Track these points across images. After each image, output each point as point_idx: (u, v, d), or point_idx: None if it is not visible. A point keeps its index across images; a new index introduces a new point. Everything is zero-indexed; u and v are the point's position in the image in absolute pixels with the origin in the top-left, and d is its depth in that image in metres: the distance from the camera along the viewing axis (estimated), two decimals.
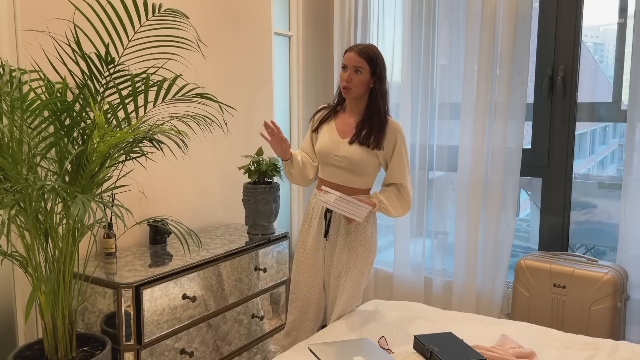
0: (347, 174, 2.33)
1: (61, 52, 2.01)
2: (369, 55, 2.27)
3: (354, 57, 2.27)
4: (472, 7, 3.04)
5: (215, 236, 2.79)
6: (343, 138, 2.33)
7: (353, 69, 2.27)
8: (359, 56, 2.26)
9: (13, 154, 1.78)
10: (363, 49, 2.29)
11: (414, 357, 1.92)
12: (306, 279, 2.45)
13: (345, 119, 2.38)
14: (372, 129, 2.29)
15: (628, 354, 1.98)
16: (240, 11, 3.10)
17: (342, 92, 2.33)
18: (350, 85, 2.27)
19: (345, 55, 2.32)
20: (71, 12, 2.11)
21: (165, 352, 2.24)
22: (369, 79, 2.29)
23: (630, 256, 2.81)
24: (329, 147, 2.34)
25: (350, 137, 2.31)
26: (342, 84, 2.31)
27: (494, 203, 3.06)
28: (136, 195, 2.56)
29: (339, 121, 2.39)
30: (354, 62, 2.27)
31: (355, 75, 2.27)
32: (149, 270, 2.23)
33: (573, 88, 2.98)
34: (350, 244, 2.35)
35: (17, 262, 1.89)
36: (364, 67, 2.26)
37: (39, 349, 1.99)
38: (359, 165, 2.31)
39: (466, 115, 3.11)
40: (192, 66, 2.65)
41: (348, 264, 2.35)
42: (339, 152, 2.31)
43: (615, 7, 3.07)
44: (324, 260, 2.44)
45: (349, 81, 2.27)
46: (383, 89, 2.32)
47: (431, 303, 3.28)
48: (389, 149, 2.33)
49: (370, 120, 2.31)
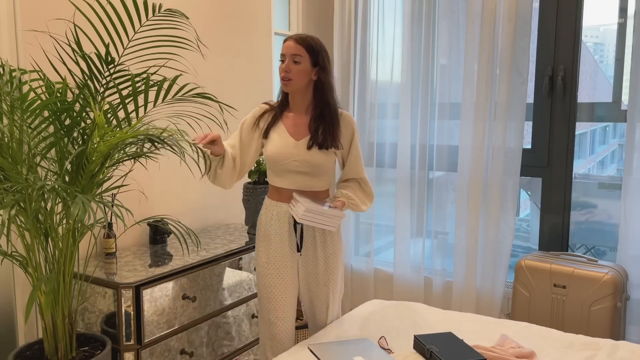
0: (307, 177, 2.15)
1: (61, 52, 2.01)
2: (308, 44, 2.10)
3: (291, 45, 2.09)
4: (472, 7, 3.04)
5: (215, 236, 2.79)
6: (297, 140, 2.14)
7: (291, 59, 2.08)
8: (297, 44, 2.08)
9: (13, 154, 1.78)
10: (302, 36, 2.11)
11: (414, 357, 1.92)
12: (285, 305, 2.19)
13: (294, 118, 2.18)
14: (326, 127, 2.12)
15: (628, 354, 1.98)
16: (240, 11, 3.10)
17: (282, 85, 2.13)
18: (289, 75, 2.08)
19: (283, 45, 2.12)
20: (71, 12, 2.11)
21: (165, 352, 2.24)
22: (310, 69, 2.10)
23: (630, 256, 2.81)
24: (285, 152, 2.12)
25: (307, 140, 2.13)
26: (280, 75, 2.11)
27: (494, 203, 3.06)
28: (136, 195, 2.56)
29: (287, 122, 2.18)
30: (291, 51, 2.08)
31: (294, 66, 2.07)
32: (149, 270, 2.23)
33: (573, 88, 2.98)
34: (327, 251, 2.21)
35: (17, 262, 1.89)
36: (303, 55, 2.08)
37: (39, 349, 1.99)
38: (320, 167, 2.14)
39: (466, 115, 3.11)
40: (192, 66, 2.65)
41: (331, 271, 2.23)
42: (298, 156, 2.12)
43: (615, 7, 3.07)
44: (299, 277, 2.23)
45: (287, 71, 2.08)
46: (328, 80, 2.14)
47: (431, 303, 3.28)
48: (346, 145, 2.21)
49: (322, 116, 2.13)
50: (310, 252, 2.20)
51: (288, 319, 2.21)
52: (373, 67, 3.49)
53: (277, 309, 2.19)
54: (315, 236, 2.19)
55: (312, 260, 2.21)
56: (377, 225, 3.59)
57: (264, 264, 2.19)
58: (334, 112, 2.15)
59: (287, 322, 2.21)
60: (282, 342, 2.21)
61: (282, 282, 2.18)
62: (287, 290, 2.19)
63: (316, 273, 2.22)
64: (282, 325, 2.20)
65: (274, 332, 2.20)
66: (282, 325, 2.20)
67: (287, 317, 2.21)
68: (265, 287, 2.19)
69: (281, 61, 2.11)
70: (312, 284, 2.23)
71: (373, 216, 3.53)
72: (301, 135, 2.15)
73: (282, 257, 2.17)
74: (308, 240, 2.19)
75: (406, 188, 3.36)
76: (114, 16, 1.94)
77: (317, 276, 2.22)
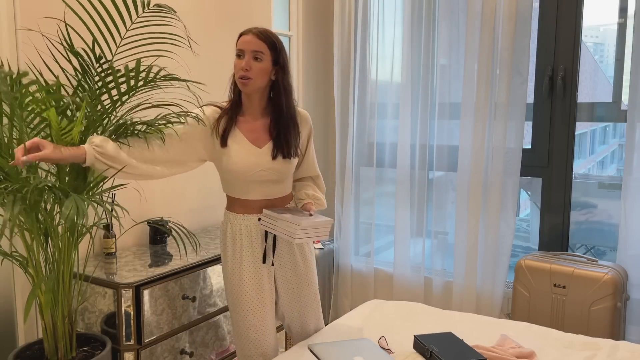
0: (273, 185, 2.01)
1: (54, 50, 1.99)
2: (270, 40, 1.90)
3: (252, 40, 1.87)
4: (472, 7, 3.04)
5: (215, 236, 2.79)
6: (260, 147, 1.97)
7: (252, 55, 1.87)
8: (259, 39, 1.87)
9: (13, 154, 1.78)
10: (263, 31, 1.90)
11: (414, 357, 1.92)
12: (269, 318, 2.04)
13: (249, 123, 1.98)
14: (287, 133, 1.96)
15: (628, 354, 1.98)
16: (240, 11, 3.10)
17: (239, 84, 1.91)
18: (249, 74, 1.87)
19: (240, 39, 1.90)
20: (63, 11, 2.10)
21: (165, 352, 2.24)
22: (271, 68, 1.91)
23: (630, 256, 2.81)
24: (250, 163, 1.94)
25: (270, 147, 1.96)
26: (237, 74, 1.89)
27: (494, 203, 3.06)
28: (136, 195, 2.56)
29: (244, 127, 1.97)
30: (252, 47, 1.86)
31: (254, 63, 1.87)
32: (149, 270, 2.23)
33: (573, 88, 2.98)
34: (304, 250, 2.12)
35: (17, 262, 1.89)
36: (265, 52, 1.88)
37: (39, 349, 1.99)
38: (286, 173, 2.02)
39: (466, 115, 3.11)
40: (191, 66, 2.65)
41: (311, 269, 2.15)
42: (264, 165, 1.95)
43: (615, 7, 3.07)
44: (277, 289, 2.11)
45: (247, 69, 1.86)
46: (287, 81, 1.95)
47: (431, 303, 3.28)
48: (303, 146, 2.09)
49: (280, 122, 1.96)
50: (286, 257, 2.09)
51: (273, 333, 2.08)
52: (373, 67, 3.49)
53: (264, 322, 2.02)
54: (288, 244, 2.08)
55: (290, 264, 2.09)
56: (377, 225, 3.59)
57: (237, 282, 2.00)
58: (294, 117, 1.99)
59: (273, 335, 2.08)
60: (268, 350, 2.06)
61: (261, 295, 2.01)
62: (267, 304, 2.04)
63: (297, 275, 2.11)
64: (269, 337, 2.05)
65: (262, 346, 2.03)
66: (269, 338, 2.05)
67: (272, 330, 2.07)
68: (245, 305, 2.00)
69: (238, 56, 1.90)
70: (295, 288, 2.12)
71: (373, 216, 3.53)
72: (262, 141, 1.97)
73: (256, 270, 2.01)
74: (282, 246, 2.07)
75: (406, 188, 3.36)
76: (105, 14, 1.91)
77: (299, 278, 2.12)
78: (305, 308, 2.17)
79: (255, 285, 2.02)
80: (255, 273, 2.02)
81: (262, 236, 2.03)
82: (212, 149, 1.98)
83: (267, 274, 2.05)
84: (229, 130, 1.95)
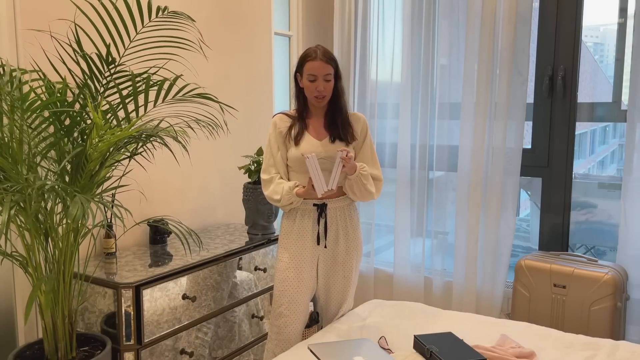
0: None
1: (62, 52, 2.00)
2: (334, 61, 2.24)
3: (322, 66, 2.19)
4: (472, 7, 3.04)
5: (215, 236, 2.79)
6: (320, 140, 2.28)
7: (324, 78, 2.21)
8: (327, 64, 2.20)
9: (13, 154, 1.78)
10: (327, 54, 2.22)
11: (414, 357, 1.92)
12: (298, 301, 2.28)
13: (314, 123, 2.32)
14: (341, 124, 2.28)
15: (628, 354, 1.98)
16: (240, 11, 3.10)
17: (314, 102, 2.26)
18: (324, 93, 2.23)
19: (309, 65, 2.21)
20: (72, 12, 2.11)
21: (165, 352, 2.24)
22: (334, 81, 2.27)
23: (630, 256, 2.81)
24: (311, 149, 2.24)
25: (327, 138, 2.28)
26: (313, 94, 2.23)
27: (494, 203, 3.06)
28: (136, 195, 2.56)
29: (310, 129, 2.32)
30: (324, 72, 2.20)
31: (326, 84, 2.22)
32: (149, 270, 2.23)
33: (573, 88, 2.98)
34: (349, 244, 2.33)
35: (17, 262, 1.89)
36: (332, 72, 2.22)
37: (39, 349, 1.99)
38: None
39: (466, 115, 3.11)
40: (193, 66, 2.65)
41: (350, 264, 2.34)
42: (323, 153, 2.24)
43: (615, 7, 3.07)
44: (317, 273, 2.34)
45: (323, 91, 2.22)
46: (342, 86, 2.31)
47: (431, 303, 3.28)
48: (360, 139, 2.34)
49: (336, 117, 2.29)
50: (332, 245, 2.30)
51: (298, 317, 2.28)
52: (373, 67, 3.49)
53: (290, 302, 2.26)
54: (338, 229, 2.30)
55: (331, 253, 2.31)
56: (377, 225, 3.59)
57: (285, 260, 2.28)
58: (346, 112, 2.32)
59: (297, 318, 2.28)
60: (288, 339, 2.27)
61: (299, 278, 2.27)
62: (302, 287, 2.28)
63: (335, 266, 2.32)
64: (291, 319, 2.26)
65: (281, 325, 2.26)
66: (292, 320, 2.26)
67: (297, 313, 2.27)
68: (282, 282, 2.28)
69: (311, 81, 2.21)
70: (331, 277, 2.33)
71: (373, 216, 3.53)
72: (322, 135, 2.30)
73: (303, 252, 2.28)
74: (331, 233, 2.29)
75: (406, 188, 3.36)
76: (116, 16, 1.94)
77: (336, 269, 2.32)
78: (331, 295, 2.36)
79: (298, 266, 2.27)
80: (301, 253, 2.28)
81: (315, 220, 2.27)
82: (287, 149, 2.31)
83: (313, 255, 2.30)
84: (301, 134, 2.29)
